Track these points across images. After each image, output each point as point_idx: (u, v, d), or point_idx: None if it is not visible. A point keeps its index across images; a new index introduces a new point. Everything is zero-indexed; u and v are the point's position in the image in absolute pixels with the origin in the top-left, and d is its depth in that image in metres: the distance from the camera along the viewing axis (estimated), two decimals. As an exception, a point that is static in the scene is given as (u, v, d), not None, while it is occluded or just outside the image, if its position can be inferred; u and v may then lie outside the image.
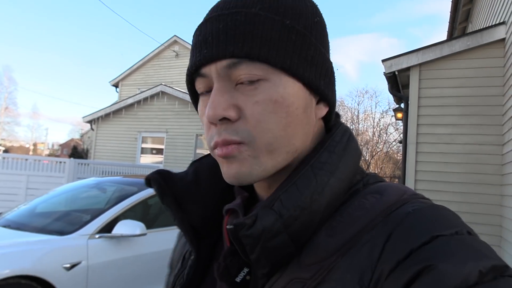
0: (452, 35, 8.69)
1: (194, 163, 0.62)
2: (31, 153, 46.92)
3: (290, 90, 0.47)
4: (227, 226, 0.45)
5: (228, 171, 0.48)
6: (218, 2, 0.51)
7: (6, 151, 36.82)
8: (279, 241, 0.44)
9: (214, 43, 0.47)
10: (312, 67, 0.49)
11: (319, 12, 0.53)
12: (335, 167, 0.48)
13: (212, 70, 0.47)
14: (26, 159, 7.29)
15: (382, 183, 0.51)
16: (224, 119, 0.47)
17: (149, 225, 3.63)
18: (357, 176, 0.52)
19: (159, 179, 0.57)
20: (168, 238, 3.66)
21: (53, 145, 59.66)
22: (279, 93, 0.46)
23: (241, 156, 0.47)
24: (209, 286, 0.56)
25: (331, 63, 0.53)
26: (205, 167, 0.61)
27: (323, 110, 0.53)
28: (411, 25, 79.98)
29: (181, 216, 0.57)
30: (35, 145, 52.30)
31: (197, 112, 0.54)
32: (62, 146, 54.21)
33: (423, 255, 0.38)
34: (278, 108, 0.46)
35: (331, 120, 0.56)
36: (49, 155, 50.07)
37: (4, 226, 3.32)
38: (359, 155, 0.53)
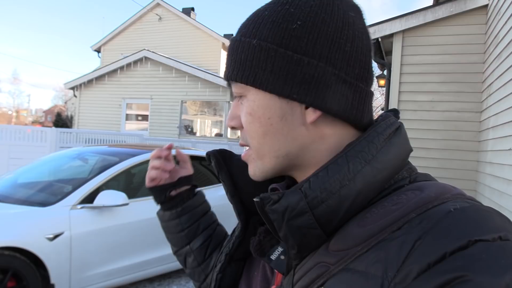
0: (438, 0, 8.59)
1: None
2: (14, 120, 46.03)
3: (261, 102, 0.52)
4: (254, 199, 0.49)
5: (249, 171, 0.58)
6: None
7: (-12, 118, 36.04)
8: (304, 221, 0.46)
9: (226, 66, 0.57)
10: (280, 78, 0.50)
11: (307, 15, 0.50)
12: (372, 156, 0.48)
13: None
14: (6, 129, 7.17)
15: (429, 181, 0.49)
16: (234, 128, 0.58)
17: (133, 194, 3.67)
18: (404, 172, 0.51)
19: (217, 155, 0.66)
20: (151, 207, 3.69)
21: (36, 112, 58.55)
22: (251, 106, 0.53)
23: (250, 159, 0.56)
24: (256, 261, 0.65)
25: (317, 65, 0.49)
26: None
27: (311, 115, 0.51)
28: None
29: (232, 190, 0.64)
30: (17, 112, 51.24)
31: None
32: (46, 112, 53.22)
33: (457, 262, 0.35)
34: (253, 119, 0.53)
35: (383, 116, 0.55)
36: (33, 122, 49.23)
37: (-15, 198, 3.32)
38: (406, 150, 0.52)
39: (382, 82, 6.85)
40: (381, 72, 7.10)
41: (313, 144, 0.53)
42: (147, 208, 3.68)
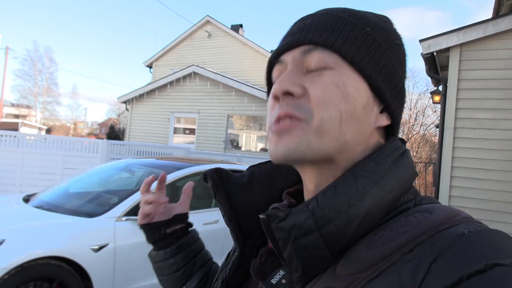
0: (498, 12, 8.12)
1: (252, 168, 0.66)
2: (71, 132, 48.82)
3: (354, 82, 0.50)
4: (260, 215, 0.46)
5: (276, 147, 0.50)
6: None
7: (48, 130, 38.45)
8: (310, 240, 0.44)
9: (298, 33, 0.53)
10: (381, 73, 0.51)
11: (401, 39, 0.56)
12: (380, 177, 0.47)
13: (289, 56, 0.52)
14: (62, 140, 7.54)
15: (435, 204, 0.48)
16: (288, 94, 0.50)
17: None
18: (409, 195, 0.50)
19: (215, 176, 0.62)
20: (195, 221, 3.67)
21: (92, 124, 61.78)
22: (342, 80, 0.49)
23: (294, 131, 0.48)
24: (252, 285, 0.59)
25: (403, 84, 0.55)
26: (262, 173, 0.65)
27: (384, 120, 0.53)
28: (461, -6, 74.75)
29: (230, 214, 0.61)
30: (75, 124, 54.29)
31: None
32: (101, 125, 55.98)
33: (475, 286, 0.34)
34: (339, 92, 0.49)
35: (391, 138, 0.55)
36: (89, 134, 51.95)
37: (37, 207, 3.44)
38: (412, 174, 0.52)
39: (437, 98, 6.50)
40: (436, 88, 6.75)
41: (362, 148, 0.52)
42: (192, 222, 3.65)
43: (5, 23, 73.96)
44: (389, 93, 0.52)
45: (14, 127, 24.01)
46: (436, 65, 5.44)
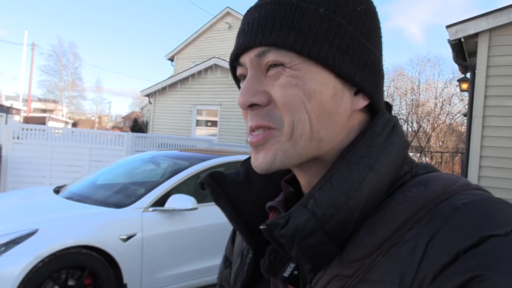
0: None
1: (245, 162, 0.63)
2: (96, 125, 49.88)
3: (317, 77, 0.47)
4: (260, 227, 0.46)
5: (255, 161, 0.50)
6: None
7: (74, 123, 39.38)
8: (315, 239, 0.44)
9: (248, 32, 0.49)
10: (346, 57, 0.47)
11: (366, 1, 0.51)
12: (374, 161, 0.46)
13: (246, 59, 0.50)
14: (88, 133, 7.73)
15: (431, 174, 0.47)
16: (254, 105, 0.48)
17: (202, 199, 3.71)
18: (405, 167, 0.49)
19: (212, 182, 0.59)
20: (219, 212, 3.71)
21: (116, 118, 62.93)
22: (299, 78, 0.46)
23: (268, 144, 0.48)
24: (267, 281, 0.58)
25: (375, 54, 0.51)
26: None
27: (360, 102, 0.50)
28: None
29: (235, 216, 0.59)
30: (100, 117, 55.41)
31: None
32: (124, 118, 56.91)
33: (471, 261, 0.34)
34: (300, 91, 0.46)
35: (378, 113, 0.52)
36: (113, 127, 52.96)
37: (67, 198, 3.54)
38: (405, 147, 0.50)
39: (465, 86, 6.32)
40: (463, 75, 6.56)
41: (344, 134, 0.50)
42: (215, 213, 3.69)
43: (31, 20, 75.97)
44: (359, 75, 0.48)
45: (42, 121, 24.72)
46: (463, 51, 5.28)
